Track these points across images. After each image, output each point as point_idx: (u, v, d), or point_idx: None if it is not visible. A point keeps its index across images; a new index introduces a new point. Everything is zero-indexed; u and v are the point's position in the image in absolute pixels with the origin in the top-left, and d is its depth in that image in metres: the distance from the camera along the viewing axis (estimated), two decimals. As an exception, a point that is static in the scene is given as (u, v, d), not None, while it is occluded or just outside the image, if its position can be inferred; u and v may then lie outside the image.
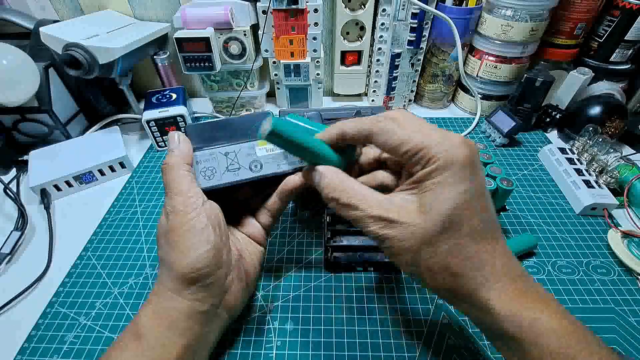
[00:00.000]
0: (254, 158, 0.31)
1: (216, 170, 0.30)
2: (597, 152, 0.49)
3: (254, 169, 0.30)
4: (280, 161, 0.31)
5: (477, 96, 0.61)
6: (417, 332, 0.33)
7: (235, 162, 0.30)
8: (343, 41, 0.60)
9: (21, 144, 0.54)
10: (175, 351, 0.25)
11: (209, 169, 0.30)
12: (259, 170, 0.30)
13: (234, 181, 0.30)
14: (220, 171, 0.30)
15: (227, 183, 0.30)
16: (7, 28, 0.55)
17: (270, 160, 0.31)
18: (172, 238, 0.26)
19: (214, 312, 0.27)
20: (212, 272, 0.26)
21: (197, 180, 0.29)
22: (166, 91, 0.58)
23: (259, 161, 0.31)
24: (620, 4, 0.52)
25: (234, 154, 0.31)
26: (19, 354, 0.32)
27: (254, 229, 0.32)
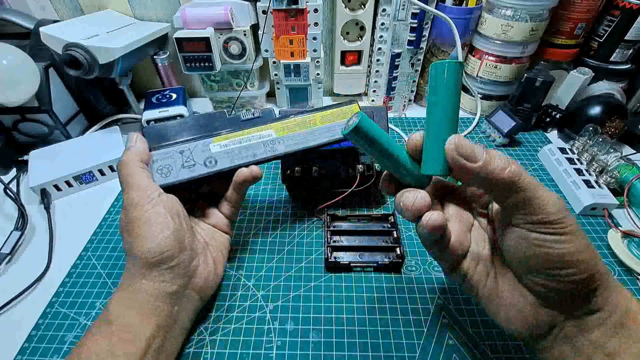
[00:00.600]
0: (208, 155, 0.33)
1: (172, 167, 0.32)
2: (597, 152, 0.49)
3: (209, 165, 0.33)
4: (234, 156, 0.33)
5: (477, 96, 0.61)
6: (417, 333, 0.33)
7: (191, 159, 0.32)
8: (343, 41, 0.60)
9: (21, 144, 0.54)
10: (147, 331, 0.26)
11: (165, 166, 0.32)
12: (214, 166, 0.33)
13: (190, 177, 0.32)
14: (177, 168, 0.32)
15: (184, 179, 0.32)
16: (7, 28, 0.55)
17: (224, 156, 0.33)
18: (133, 229, 0.27)
19: (182, 293, 0.29)
20: (175, 255, 0.28)
21: (155, 178, 0.31)
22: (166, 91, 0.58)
23: (214, 157, 0.33)
24: (620, 4, 0.52)
25: (189, 152, 0.33)
26: (19, 354, 0.32)
27: (218, 220, 0.35)
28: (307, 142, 0.35)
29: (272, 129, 0.35)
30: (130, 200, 0.28)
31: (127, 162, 0.30)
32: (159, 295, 0.27)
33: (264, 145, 0.34)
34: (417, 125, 0.61)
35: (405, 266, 0.38)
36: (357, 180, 0.41)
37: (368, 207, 0.45)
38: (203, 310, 0.34)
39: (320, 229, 0.42)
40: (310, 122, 0.35)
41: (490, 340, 0.32)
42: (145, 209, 0.28)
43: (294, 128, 0.35)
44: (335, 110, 0.36)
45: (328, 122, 0.36)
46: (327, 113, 0.36)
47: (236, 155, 0.33)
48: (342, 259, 0.38)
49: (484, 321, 0.33)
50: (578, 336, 0.22)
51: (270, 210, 0.45)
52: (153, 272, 0.27)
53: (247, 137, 0.34)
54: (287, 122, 0.35)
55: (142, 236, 0.27)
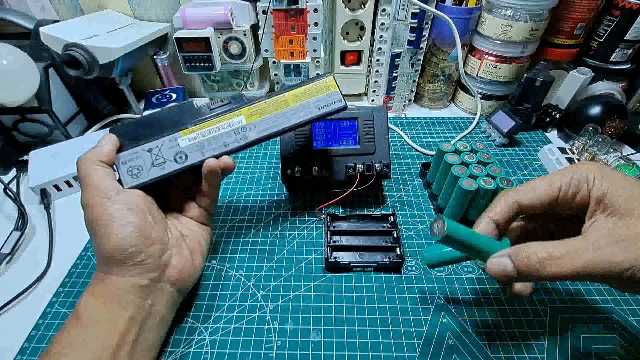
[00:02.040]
0: (177, 150, 0.32)
1: (142, 167, 0.31)
2: (597, 151, 0.49)
3: (179, 160, 0.32)
4: (204, 149, 0.32)
5: (477, 96, 0.61)
6: (417, 333, 0.33)
7: (160, 156, 0.31)
8: (343, 41, 0.60)
9: (21, 144, 0.54)
10: (119, 323, 0.26)
11: (134, 167, 0.31)
12: (185, 161, 0.32)
13: (161, 175, 0.31)
14: (147, 168, 0.31)
15: (155, 178, 0.31)
16: (7, 28, 0.55)
17: (195, 149, 0.32)
18: (94, 229, 0.28)
19: (155, 285, 0.29)
20: (141, 250, 0.28)
21: (125, 179, 0.31)
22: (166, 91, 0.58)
23: (183, 152, 0.32)
24: (620, 4, 0.52)
25: (157, 149, 0.31)
26: (19, 354, 0.32)
27: (195, 212, 0.35)
28: (281, 124, 0.33)
29: (242, 114, 0.33)
30: (85, 201, 0.28)
31: (82, 161, 0.29)
32: (130, 289, 0.27)
33: (234, 133, 0.32)
34: (417, 125, 0.61)
35: (405, 266, 0.38)
36: (357, 180, 0.41)
37: (368, 207, 0.45)
38: (203, 310, 0.34)
39: (320, 229, 0.42)
40: (282, 102, 0.33)
41: (490, 340, 0.32)
42: (103, 209, 0.27)
43: (266, 111, 0.33)
44: (308, 87, 0.34)
45: (302, 101, 0.33)
46: (300, 91, 0.34)
47: (206, 147, 0.32)
48: (342, 259, 0.38)
49: (484, 321, 0.33)
50: None
51: (270, 210, 0.45)
52: (121, 269, 0.27)
53: (216, 127, 0.32)
54: (257, 105, 0.33)
55: (104, 235, 0.27)
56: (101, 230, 0.27)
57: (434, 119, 0.63)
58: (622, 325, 0.33)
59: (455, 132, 0.59)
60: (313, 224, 0.43)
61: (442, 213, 0.42)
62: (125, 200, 0.29)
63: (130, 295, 0.27)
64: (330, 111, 0.34)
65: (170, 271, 0.30)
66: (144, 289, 0.28)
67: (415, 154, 0.54)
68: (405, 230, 0.42)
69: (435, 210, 0.44)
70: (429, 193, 0.46)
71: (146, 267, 0.28)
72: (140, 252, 0.28)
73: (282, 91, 0.34)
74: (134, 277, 0.28)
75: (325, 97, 0.34)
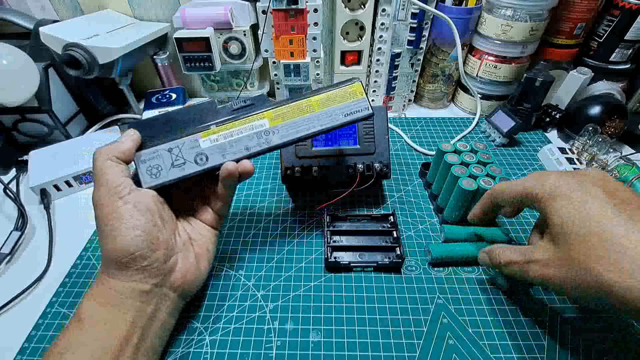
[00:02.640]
0: (198, 151, 0.31)
1: (162, 167, 0.30)
2: (597, 151, 0.49)
3: (200, 162, 0.31)
4: (225, 151, 0.31)
5: (477, 96, 0.61)
6: (417, 332, 0.33)
7: (180, 157, 0.30)
8: (343, 41, 0.60)
9: (21, 144, 0.54)
10: (121, 328, 0.26)
11: (154, 167, 0.30)
12: (205, 163, 0.31)
13: (181, 176, 0.30)
14: (166, 168, 0.30)
15: (174, 179, 0.30)
16: (7, 28, 0.55)
17: (216, 151, 0.31)
18: (102, 227, 0.27)
19: (158, 291, 0.28)
20: (146, 255, 0.27)
21: (144, 178, 0.30)
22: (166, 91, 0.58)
23: (204, 153, 0.31)
24: (620, 4, 0.52)
25: (177, 149, 0.30)
26: (18, 354, 0.32)
27: (207, 215, 0.34)
28: (304, 130, 0.32)
29: (266, 118, 0.31)
30: (97, 198, 0.27)
31: (97, 155, 0.28)
32: (132, 293, 0.27)
33: (257, 137, 0.31)
34: (417, 125, 0.61)
35: (405, 266, 0.38)
36: (357, 180, 0.41)
37: (368, 207, 0.45)
38: (203, 310, 0.34)
39: (320, 229, 0.42)
40: (307, 107, 0.32)
41: (490, 340, 0.32)
42: (113, 209, 0.27)
43: (290, 115, 0.32)
44: (334, 93, 0.32)
45: (327, 107, 0.32)
46: (325, 96, 0.32)
47: (228, 150, 0.31)
48: (342, 259, 0.38)
49: (484, 321, 0.33)
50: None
51: (270, 210, 0.45)
52: (124, 272, 0.27)
53: (238, 130, 0.31)
54: (281, 109, 0.32)
55: (110, 236, 0.26)
56: (108, 231, 0.26)
57: (434, 119, 0.63)
58: (621, 324, 0.33)
59: (455, 132, 0.59)
60: (313, 224, 0.43)
61: (441, 213, 0.42)
62: (136, 200, 0.28)
63: (131, 299, 0.27)
64: (356, 119, 0.33)
65: (174, 276, 0.29)
66: (146, 294, 0.27)
67: (415, 154, 0.55)
68: (405, 230, 0.42)
69: (435, 210, 0.44)
70: (429, 193, 0.46)
71: (150, 272, 0.27)
72: (145, 257, 0.27)
73: (307, 95, 0.32)
74: (137, 282, 0.27)
75: (352, 104, 0.32)
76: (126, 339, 0.26)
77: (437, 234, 0.42)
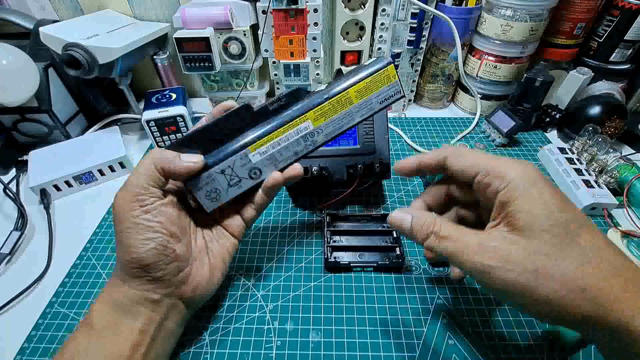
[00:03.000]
0: (250, 166, 0.31)
1: (220, 190, 0.30)
2: (597, 151, 0.49)
3: (255, 177, 0.31)
4: (276, 160, 0.31)
5: (477, 96, 0.61)
6: (417, 332, 0.33)
7: (235, 176, 0.30)
8: (343, 41, 0.60)
9: (21, 144, 0.54)
10: (131, 335, 0.26)
11: (212, 191, 0.30)
12: (259, 176, 0.31)
13: (240, 192, 0.31)
14: (224, 189, 0.30)
15: (234, 196, 0.31)
16: (7, 28, 0.55)
17: (267, 163, 0.31)
18: (118, 232, 0.26)
19: (168, 301, 0.28)
20: (160, 267, 0.27)
21: (206, 204, 0.30)
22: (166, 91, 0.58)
23: (257, 167, 0.31)
24: (619, 4, 0.52)
25: (230, 169, 0.30)
26: (18, 354, 0.32)
27: (235, 222, 0.32)
28: (346, 124, 0.31)
29: (309, 119, 0.30)
30: (120, 201, 0.27)
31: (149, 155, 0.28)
32: (142, 301, 0.27)
33: (303, 140, 0.31)
34: (417, 125, 0.61)
35: (405, 266, 0.38)
36: (357, 180, 0.41)
37: (368, 207, 0.45)
38: (203, 310, 0.34)
39: (320, 229, 0.42)
40: (346, 101, 0.31)
41: (490, 340, 0.32)
42: (132, 215, 0.26)
43: (330, 113, 0.31)
44: (370, 80, 0.31)
45: (365, 97, 0.31)
46: (362, 85, 0.31)
47: (278, 159, 0.31)
48: (342, 259, 0.38)
49: (484, 321, 0.33)
50: None
51: (270, 210, 0.45)
52: (135, 280, 0.26)
53: (284, 137, 0.30)
54: (323, 107, 0.30)
55: (125, 244, 0.26)
56: (124, 238, 0.26)
57: (434, 119, 0.63)
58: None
59: (455, 132, 0.59)
60: (313, 224, 0.43)
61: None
62: (157, 211, 0.27)
63: (141, 307, 0.27)
64: (391, 103, 0.32)
65: (185, 288, 0.29)
66: (156, 303, 0.27)
67: (415, 154, 0.55)
68: (405, 230, 0.42)
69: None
70: (429, 193, 0.46)
71: (161, 283, 0.27)
72: (158, 269, 0.27)
73: (343, 85, 0.30)
74: (146, 292, 0.27)
75: (387, 89, 0.31)
76: (135, 347, 0.26)
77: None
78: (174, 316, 0.29)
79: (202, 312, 0.34)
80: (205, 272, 0.30)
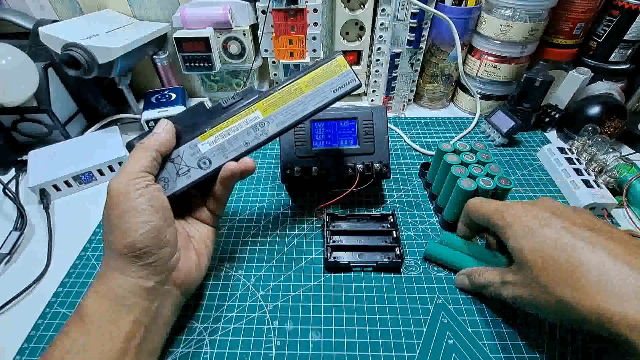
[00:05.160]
0: (199, 156, 0.31)
1: (169, 179, 0.30)
2: (596, 151, 0.49)
3: (204, 166, 0.31)
4: (226, 150, 0.31)
5: (477, 96, 0.61)
6: (417, 332, 0.33)
7: (184, 165, 0.31)
8: (342, 41, 0.60)
9: (20, 144, 0.54)
10: (124, 327, 0.26)
11: (161, 179, 0.30)
12: (209, 166, 0.31)
13: (188, 184, 0.31)
14: (173, 178, 0.30)
15: (183, 187, 0.31)
16: (6, 28, 0.55)
17: (217, 153, 0.31)
18: (112, 218, 0.26)
19: (161, 288, 0.28)
20: (153, 251, 0.27)
21: None
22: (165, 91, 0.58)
23: (206, 157, 0.31)
24: (619, 4, 0.52)
25: (179, 158, 0.31)
26: (18, 354, 0.32)
27: (202, 213, 0.34)
28: (299, 113, 0.32)
29: (258, 109, 0.31)
30: (115, 184, 0.27)
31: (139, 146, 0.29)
32: (136, 290, 0.26)
33: (253, 130, 0.31)
34: (417, 125, 0.61)
35: (405, 266, 0.38)
36: (356, 180, 0.41)
37: (368, 207, 0.45)
38: (203, 310, 0.34)
39: (320, 229, 0.42)
40: (295, 91, 0.32)
41: (490, 340, 0.32)
42: (129, 198, 0.26)
43: (280, 102, 0.32)
44: (319, 70, 0.32)
45: (316, 86, 0.32)
46: (311, 75, 0.32)
47: (228, 149, 0.31)
48: (342, 259, 0.38)
49: (484, 321, 0.33)
50: None
51: (270, 210, 0.45)
52: (129, 268, 0.26)
53: (233, 127, 0.31)
54: (270, 97, 0.32)
55: (120, 229, 0.26)
56: (118, 223, 0.26)
57: (434, 119, 0.63)
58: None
59: (455, 132, 0.59)
60: (313, 224, 0.43)
61: (441, 213, 0.42)
62: (151, 195, 0.27)
63: (136, 297, 0.26)
64: (347, 92, 0.32)
65: (177, 274, 0.29)
66: (150, 292, 0.27)
67: (414, 154, 0.55)
68: (405, 230, 0.42)
69: (435, 210, 0.44)
70: (429, 193, 0.46)
71: (154, 269, 0.27)
72: (152, 254, 0.27)
73: (293, 78, 0.32)
74: (141, 279, 0.27)
75: (339, 78, 0.32)
76: (129, 339, 0.26)
77: (436, 233, 0.42)
78: (169, 303, 0.29)
79: (202, 312, 0.34)
80: (192, 256, 0.31)
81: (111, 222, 0.26)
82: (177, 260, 0.29)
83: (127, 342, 0.25)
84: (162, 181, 0.30)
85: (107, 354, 0.25)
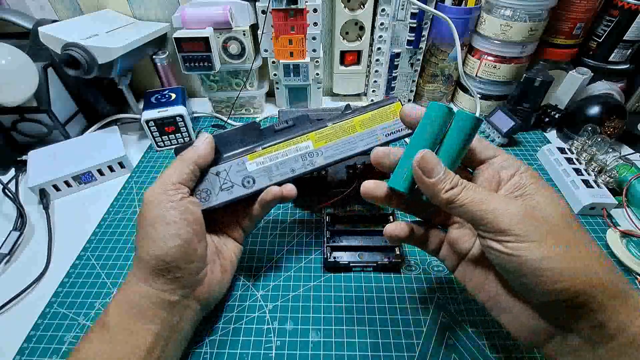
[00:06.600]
0: (245, 174, 0.31)
1: (211, 191, 0.31)
2: (596, 151, 0.49)
3: (247, 185, 0.31)
4: (271, 173, 0.31)
5: (476, 96, 0.61)
6: (417, 332, 0.33)
7: (228, 180, 0.31)
8: (342, 41, 0.60)
9: (20, 144, 0.54)
10: (145, 338, 0.25)
11: (203, 190, 0.31)
12: (252, 186, 0.31)
13: (229, 199, 0.31)
14: (215, 192, 0.31)
15: (223, 202, 0.31)
16: (6, 28, 0.54)
17: (262, 174, 0.31)
18: (144, 228, 0.26)
19: (185, 302, 0.28)
20: (182, 266, 0.27)
21: None
22: (165, 91, 0.58)
23: (251, 176, 0.31)
24: (619, 4, 0.52)
25: (225, 173, 0.31)
26: (17, 354, 0.32)
27: (235, 231, 0.34)
28: (347, 150, 0.32)
29: (310, 139, 0.32)
30: (149, 194, 0.27)
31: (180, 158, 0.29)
32: (160, 303, 0.26)
33: (302, 158, 0.32)
34: (417, 125, 0.61)
35: (405, 266, 0.38)
36: (357, 180, 0.41)
37: (368, 207, 0.45)
38: (202, 310, 0.34)
39: (320, 229, 0.42)
40: (349, 128, 0.32)
41: (490, 340, 0.32)
42: (160, 209, 0.26)
43: (332, 137, 0.32)
44: (374, 113, 0.32)
45: (368, 128, 0.32)
46: (366, 116, 0.32)
47: (274, 172, 0.31)
48: (342, 259, 0.38)
49: (484, 321, 0.33)
50: (583, 349, 0.21)
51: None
52: (156, 279, 0.26)
53: (283, 152, 0.31)
54: (324, 130, 0.32)
55: (151, 239, 0.26)
56: (150, 233, 0.26)
57: (434, 119, 0.62)
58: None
59: (455, 132, 0.59)
60: (313, 223, 0.43)
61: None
62: (184, 208, 0.27)
63: (158, 309, 0.26)
64: (397, 138, 0.32)
65: (201, 288, 0.29)
66: (173, 305, 0.27)
67: (414, 154, 0.54)
68: (405, 230, 0.42)
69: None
70: (429, 193, 0.46)
71: (180, 283, 0.27)
72: (180, 268, 0.27)
73: (349, 116, 0.32)
74: (165, 293, 0.26)
75: (392, 123, 0.32)
76: (149, 351, 0.25)
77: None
78: (188, 318, 0.29)
79: (201, 312, 0.34)
80: (217, 272, 0.31)
81: (144, 231, 0.26)
82: (205, 276, 0.29)
83: (147, 355, 0.25)
84: (203, 192, 0.31)
85: None
